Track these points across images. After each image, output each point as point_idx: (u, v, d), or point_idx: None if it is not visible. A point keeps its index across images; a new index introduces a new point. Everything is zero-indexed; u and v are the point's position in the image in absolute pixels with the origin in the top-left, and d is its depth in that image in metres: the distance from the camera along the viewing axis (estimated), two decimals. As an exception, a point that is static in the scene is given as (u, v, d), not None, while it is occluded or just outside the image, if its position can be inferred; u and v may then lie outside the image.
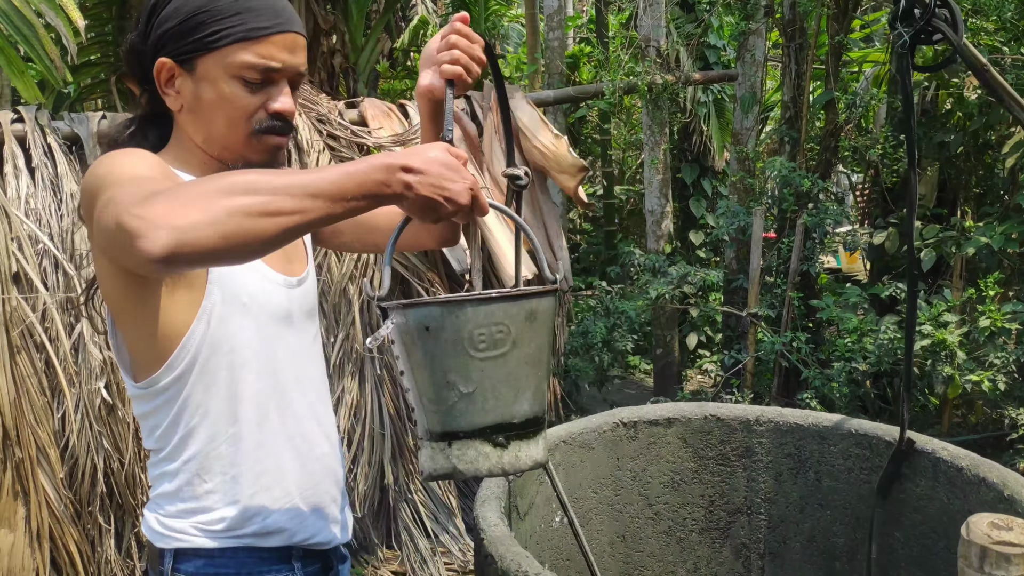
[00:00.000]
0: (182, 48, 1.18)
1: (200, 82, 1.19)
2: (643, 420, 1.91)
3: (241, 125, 1.21)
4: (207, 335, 1.18)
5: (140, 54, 1.22)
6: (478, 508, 1.43)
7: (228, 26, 1.17)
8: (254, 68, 1.18)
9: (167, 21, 1.18)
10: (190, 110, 1.21)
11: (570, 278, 3.49)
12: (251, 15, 1.17)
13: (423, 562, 3.44)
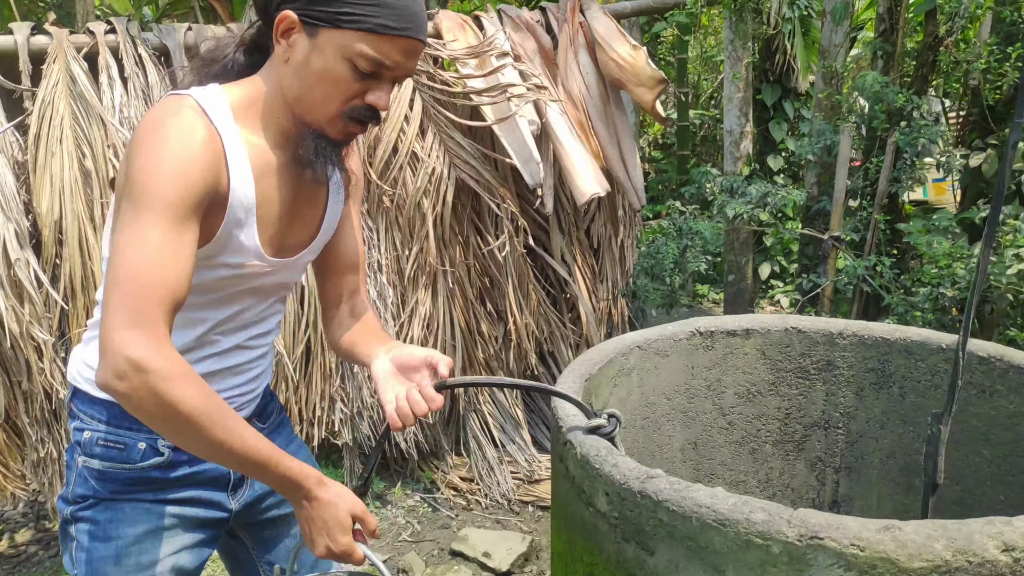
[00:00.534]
0: (313, 12, 1.20)
1: (315, 49, 1.21)
2: (721, 330, 1.88)
3: (335, 104, 1.24)
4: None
5: (268, 1, 1.24)
6: (555, 400, 1.44)
7: (364, 13, 1.19)
8: (370, 60, 1.21)
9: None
10: (295, 68, 1.24)
11: (643, 197, 3.42)
12: (387, 11, 1.19)
13: (490, 469, 3.52)
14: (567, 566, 1.37)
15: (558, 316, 3.74)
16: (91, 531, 1.35)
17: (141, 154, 1.14)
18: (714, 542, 1.07)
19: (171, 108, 1.18)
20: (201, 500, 1.42)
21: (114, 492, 1.35)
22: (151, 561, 1.37)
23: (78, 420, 1.37)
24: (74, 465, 1.37)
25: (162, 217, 1.11)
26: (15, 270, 2.49)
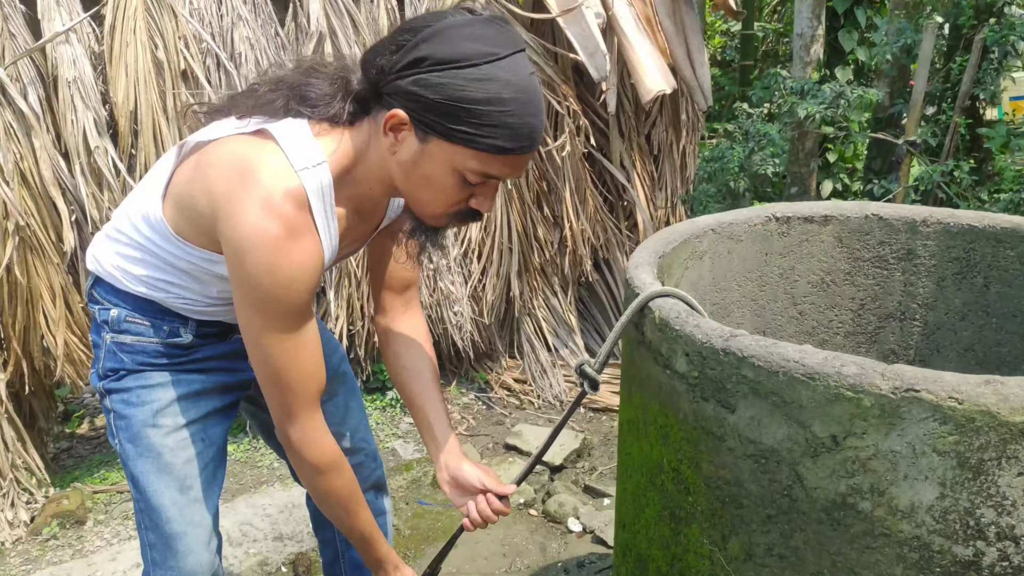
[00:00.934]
0: (429, 121, 1.15)
1: (425, 155, 1.18)
2: (797, 216, 1.82)
3: (440, 206, 1.24)
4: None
5: (381, 76, 1.18)
6: (632, 271, 1.42)
7: (483, 134, 1.14)
8: (479, 174, 1.19)
9: (430, 88, 1.12)
10: (401, 164, 1.21)
11: (709, 97, 3.31)
12: (508, 134, 1.14)
13: (543, 372, 3.55)
14: (638, 432, 1.38)
15: (615, 223, 3.69)
16: (125, 399, 1.41)
17: (260, 269, 1.17)
18: (801, 396, 1.05)
19: (282, 220, 1.15)
20: (225, 368, 1.48)
21: (142, 364, 1.40)
22: (185, 422, 1.43)
23: (101, 304, 1.42)
24: (102, 343, 1.42)
25: (293, 318, 1.23)
26: (95, 157, 2.53)
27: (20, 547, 2.58)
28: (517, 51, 1.14)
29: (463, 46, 1.11)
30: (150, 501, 1.41)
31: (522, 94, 1.13)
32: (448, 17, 1.15)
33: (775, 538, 1.14)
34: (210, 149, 1.27)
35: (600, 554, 2.46)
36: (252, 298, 1.20)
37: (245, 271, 1.18)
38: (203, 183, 1.24)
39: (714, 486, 1.19)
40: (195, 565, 1.43)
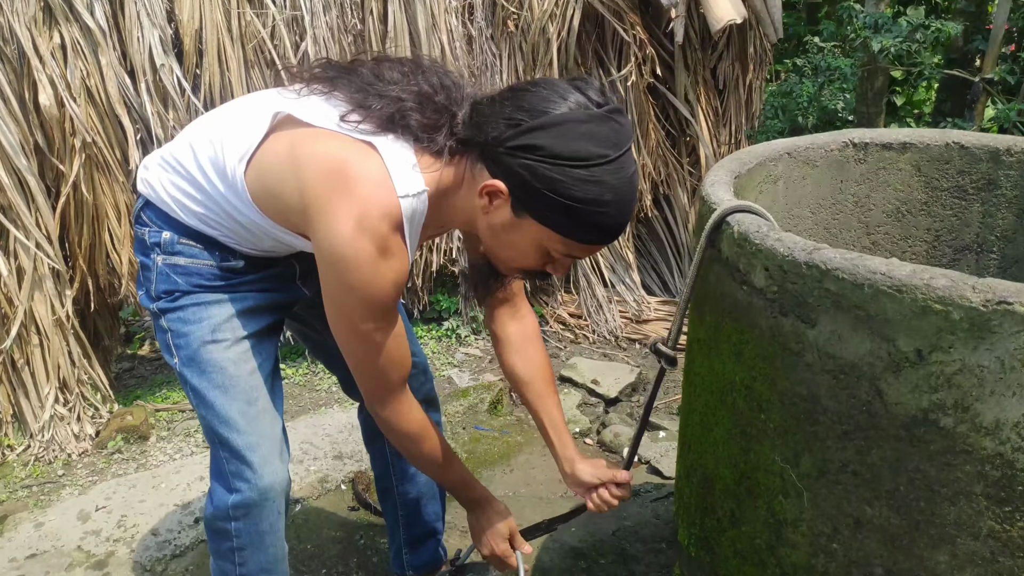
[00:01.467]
0: (528, 202, 1.20)
1: (516, 227, 1.24)
2: (875, 142, 1.77)
3: (517, 265, 1.33)
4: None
5: (490, 143, 1.21)
6: (708, 188, 1.40)
7: (577, 228, 1.20)
8: (564, 255, 1.27)
9: (538, 177, 1.16)
10: (490, 225, 1.27)
11: (780, 29, 3.20)
12: (600, 231, 1.21)
13: (599, 307, 3.56)
14: (709, 351, 1.38)
15: (676, 158, 3.63)
16: (182, 317, 1.42)
17: (355, 281, 1.22)
18: (886, 309, 1.03)
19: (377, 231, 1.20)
20: (274, 288, 1.50)
21: (197, 285, 1.42)
22: (243, 335, 1.45)
23: (151, 227, 1.43)
24: (152, 264, 1.42)
25: (381, 319, 1.29)
26: (160, 76, 2.56)
27: (86, 459, 2.70)
28: (624, 152, 1.18)
29: (578, 145, 1.14)
30: (219, 415, 1.43)
31: (621, 196, 1.18)
32: (568, 106, 1.17)
33: (850, 455, 1.14)
34: (308, 140, 1.27)
35: (655, 484, 2.49)
36: (342, 303, 1.28)
37: (337, 280, 1.24)
38: (296, 177, 1.24)
39: (788, 403, 1.19)
40: (271, 476, 1.45)
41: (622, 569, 2.09)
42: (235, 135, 1.34)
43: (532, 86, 1.22)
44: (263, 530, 1.48)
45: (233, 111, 1.42)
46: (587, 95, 1.19)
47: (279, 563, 1.54)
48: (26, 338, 2.65)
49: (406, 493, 1.88)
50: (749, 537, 1.34)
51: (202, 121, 1.44)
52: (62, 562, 2.12)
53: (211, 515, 1.49)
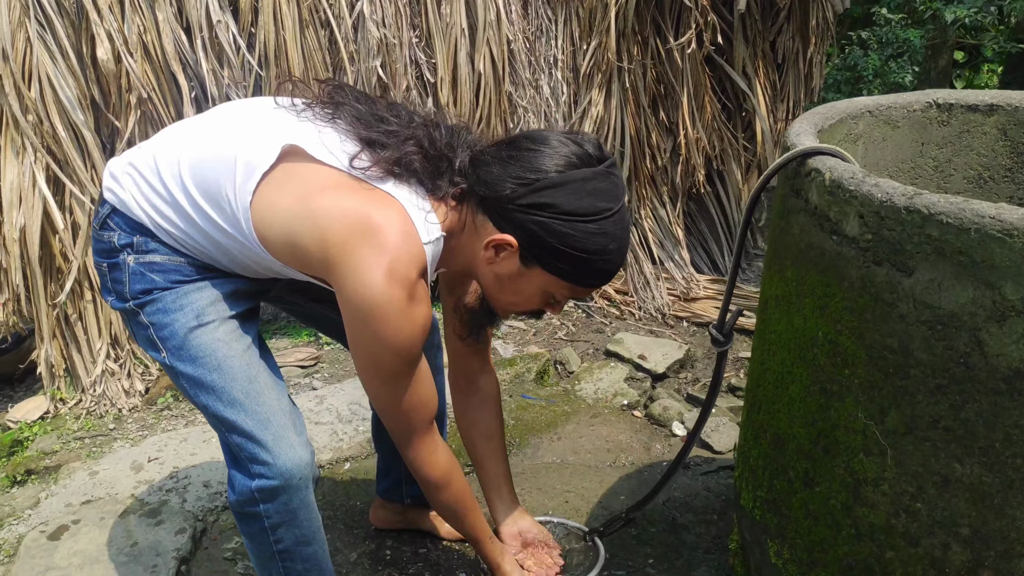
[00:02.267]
0: (538, 254, 1.29)
1: (523, 276, 1.33)
2: (960, 103, 1.71)
3: (518, 309, 1.43)
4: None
5: (501, 201, 1.27)
6: (792, 138, 1.35)
7: (583, 275, 1.31)
8: (567, 298, 1.39)
9: (550, 232, 1.25)
10: (495, 274, 1.35)
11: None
12: (603, 275, 1.33)
13: (646, 284, 3.51)
14: (789, 306, 1.33)
15: (732, 132, 3.56)
16: (162, 308, 1.35)
17: (387, 331, 1.23)
18: (994, 255, 0.99)
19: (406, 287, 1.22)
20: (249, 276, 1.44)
21: (175, 281, 1.36)
22: (229, 316, 1.38)
23: (119, 232, 1.35)
24: (123, 265, 1.35)
25: (410, 365, 1.32)
26: (216, 32, 2.56)
27: (136, 415, 2.73)
28: (622, 204, 1.30)
29: (586, 201, 1.25)
30: (223, 398, 1.35)
31: (621, 243, 1.31)
32: (569, 162, 1.26)
33: (943, 410, 1.09)
34: (325, 190, 1.24)
35: (706, 457, 2.45)
36: (374, 354, 1.29)
37: (369, 332, 1.25)
38: (315, 227, 1.22)
39: (877, 356, 1.15)
40: (289, 453, 1.36)
41: (672, 538, 2.06)
42: (234, 163, 1.28)
43: (532, 143, 1.29)
44: (294, 507, 1.41)
45: (222, 127, 1.35)
46: (586, 150, 1.28)
47: (316, 533, 1.47)
48: (79, 293, 2.68)
49: None
50: (823, 498, 1.30)
51: (183, 135, 1.37)
52: (116, 509, 2.15)
53: (236, 502, 1.41)
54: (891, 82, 3.26)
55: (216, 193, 1.28)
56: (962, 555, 1.13)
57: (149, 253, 1.34)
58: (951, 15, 2.96)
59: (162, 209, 1.33)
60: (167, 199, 1.32)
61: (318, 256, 1.23)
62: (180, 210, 1.31)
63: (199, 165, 1.30)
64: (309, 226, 1.23)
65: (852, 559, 1.26)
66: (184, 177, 1.30)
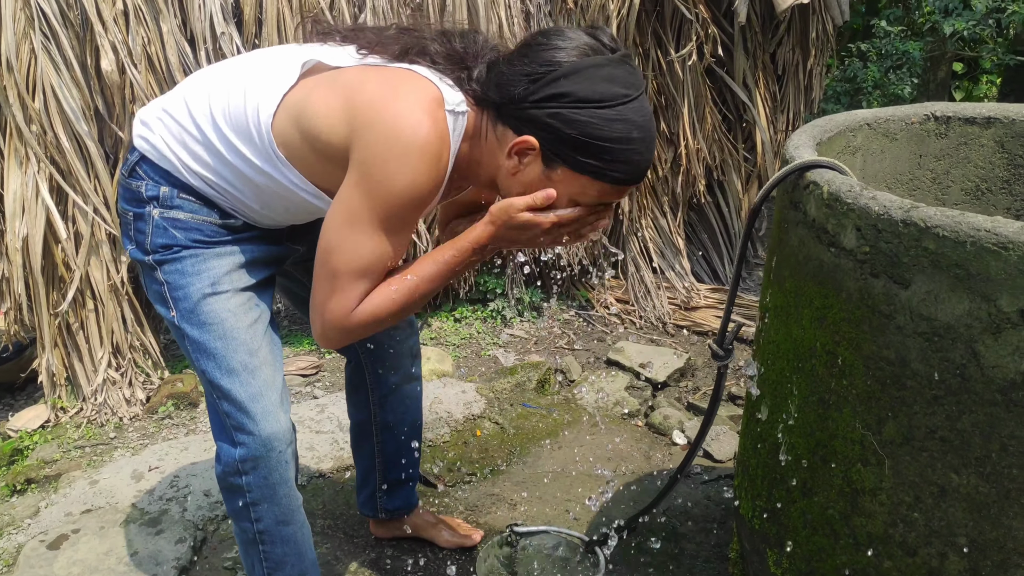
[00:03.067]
0: (561, 152, 1.21)
1: (549, 180, 1.24)
2: (958, 116, 1.72)
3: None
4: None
5: (515, 101, 1.22)
6: (792, 151, 1.37)
7: (610, 168, 1.21)
8: (595, 200, 1.26)
9: (568, 123, 1.19)
10: (520, 182, 1.26)
11: (847, 11, 3.14)
12: (630, 169, 1.23)
13: (647, 293, 3.53)
14: (787, 317, 1.35)
15: (732, 143, 3.58)
16: (180, 269, 1.39)
17: (403, 166, 1.18)
18: (989, 268, 1.00)
19: (438, 131, 1.20)
20: (269, 242, 1.48)
21: (195, 241, 1.39)
22: (242, 287, 1.42)
23: (147, 180, 1.38)
24: (148, 217, 1.38)
25: (399, 229, 1.24)
26: (220, 43, 2.58)
27: (137, 423, 2.74)
28: (642, 92, 1.23)
29: (602, 87, 1.18)
30: (222, 365, 1.40)
31: (646, 133, 1.22)
32: (583, 51, 1.20)
33: (939, 420, 1.11)
34: (346, 74, 1.27)
35: (706, 467, 2.46)
36: (374, 194, 1.20)
37: (386, 167, 1.18)
38: (342, 107, 1.23)
39: (874, 367, 1.16)
40: (273, 425, 1.42)
41: (672, 547, 2.07)
42: (258, 87, 1.32)
43: (545, 37, 1.23)
44: (274, 482, 1.46)
45: (248, 65, 1.38)
46: (600, 40, 1.23)
47: (295, 513, 1.52)
48: (81, 302, 2.69)
49: (385, 442, 1.88)
50: (821, 507, 1.31)
51: (211, 77, 1.40)
52: (116, 518, 2.16)
53: (221, 473, 1.47)
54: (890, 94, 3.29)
55: (245, 125, 1.31)
56: (959, 564, 1.14)
57: (174, 209, 1.38)
58: (950, 27, 2.99)
59: (194, 149, 1.35)
60: (199, 139, 1.35)
61: (342, 134, 1.22)
62: (211, 148, 1.34)
63: (228, 101, 1.33)
64: (336, 107, 1.23)
65: (850, 568, 1.27)
66: (215, 115, 1.33)
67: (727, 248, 3.79)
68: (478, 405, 2.76)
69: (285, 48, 1.40)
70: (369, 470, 1.92)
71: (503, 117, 1.25)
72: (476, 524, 2.11)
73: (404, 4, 2.80)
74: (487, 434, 2.60)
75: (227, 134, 1.32)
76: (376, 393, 1.82)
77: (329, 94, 1.25)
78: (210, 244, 1.40)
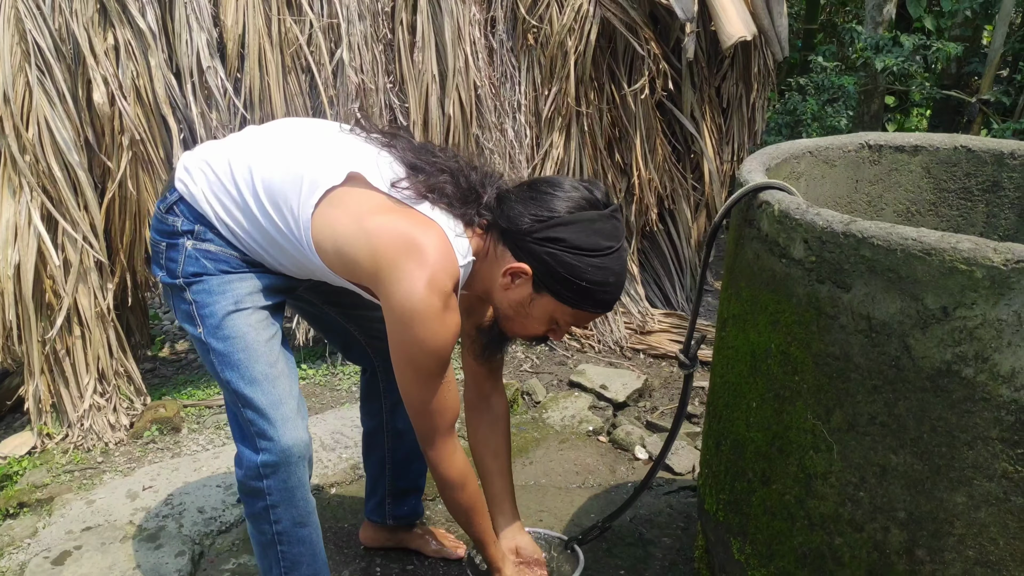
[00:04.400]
0: (548, 282, 1.47)
1: (533, 302, 1.51)
2: (889, 145, 1.92)
3: (526, 333, 1.59)
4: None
5: (519, 234, 1.46)
6: (745, 175, 1.54)
7: (587, 303, 1.49)
8: (569, 324, 1.56)
9: (560, 263, 1.44)
10: (510, 300, 1.53)
11: (786, 48, 3.38)
12: (603, 304, 1.51)
13: (604, 318, 3.68)
14: (745, 323, 1.50)
15: (682, 173, 3.79)
16: (207, 289, 1.54)
17: (426, 334, 1.41)
18: (916, 271, 1.17)
19: (445, 289, 1.41)
20: (283, 274, 1.63)
21: (222, 271, 1.55)
22: (261, 306, 1.58)
23: (183, 218, 1.54)
24: (182, 248, 1.54)
25: (442, 369, 1.49)
26: (206, 77, 2.68)
27: (123, 448, 2.77)
28: (622, 244, 1.50)
29: (593, 239, 1.44)
30: (245, 375, 1.54)
31: (619, 279, 1.50)
32: (580, 204, 1.46)
33: (879, 407, 1.26)
34: (377, 210, 1.44)
35: (667, 479, 2.61)
36: (412, 356, 1.45)
37: (411, 335, 1.42)
38: (368, 243, 1.42)
39: (822, 363, 1.32)
40: (292, 433, 1.56)
41: (640, 551, 2.20)
42: (302, 179, 1.47)
43: (549, 187, 1.49)
44: (292, 486, 1.58)
45: (294, 144, 1.55)
46: (595, 195, 1.49)
47: (310, 516, 1.65)
48: (67, 329, 2.73)
49: (395, 450, 2.03)
50: (779, 494, 1.45)
51: (256, 144, 1.56)
52: (116, 534, 2.21)
53: (243, 477, 1.59)
54: (828, 125, 3.53)
55: (282, 202, 1.48)
56: (900, 536, 1.29)
57: (206, 242, 1.54)
58: (881, 63, 3.24)
59: (229, 207, 1.52)
60: (237, 200, 1.52)
61: (369, 269, 1.43)
62: (247, 211, 1.51)
63: (270, 176, 1.49)
64: (363, 242, 1.42)
65: (807, 547, 1.42)
66: (256, 184, 1.50)
67: (678, 274, 3.97)
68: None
69: (331, 135, 1.56)
70: (379, 477, 2.04)
71: (505, 241, 1.49)
72: (457, 535, 2.21)
73: (377, 41, 2.94)
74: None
75: (264, 203, 1.48)
76: (388, 400, 1.97)
77: (361, 233, 1.43)
78: (233, 272, 1.55)
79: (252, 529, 1.66)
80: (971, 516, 1.21)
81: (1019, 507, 1.17)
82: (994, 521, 1.19)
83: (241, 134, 1.62)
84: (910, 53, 3.23)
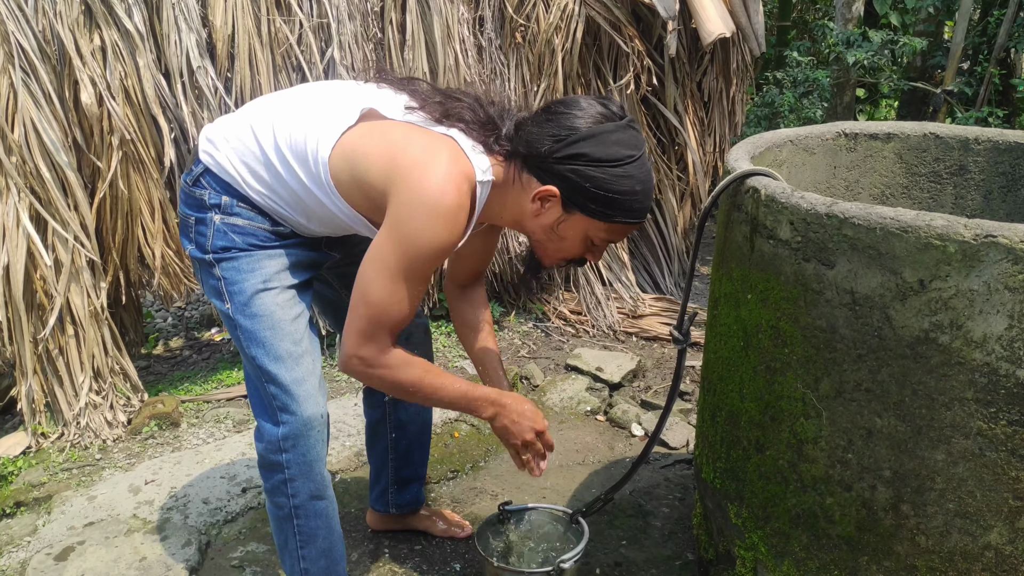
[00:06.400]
0: (577, 200, 1.48)
1: (565, 223, 1.51)
2: (863, 133, 2.04)
3: (563, 256, 1.60)
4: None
5: (541, 156, 1.46)
6: (732, 163, 1.64)
7: (617, 215, 1.49)
8: (605, 240, 1.55)
9: (584, 178, 1.45)
10: (540, 224, 1.53)
11: (763, 43, 3.50)
12: (634, 215, 1.51)
13: (598, 304, 3.79)
14: (736, 301, 1.61)
15: (667, 164, 3.90)
16: (237, 267, 1.58)
17: (427, 227, 1.40)
18: (895, 248, 1.28)
19: (460, 200, 1.42)
20: (313, 249, 1.70)
21: (251, 245, 1.59)
22: (289, 285, 1.64)
23: (210, 190, 1.58)
24: (209, 222, 1.58)
25: (418, 277, 1.46)
26: (196, 77, 2.74)
27: (120, 444, 2.82)
28: (643, 152, 1.50)
29: (613, 149, 1.45)
30: (271, 352, 1.58)
31: (646, 185, 1.50)
32: (597, 119, 1.46)
33: (863, 375, 1.37)
34: (396, 130, 1.49)
35: (663, 453, 2.72)
36: (401, 245, 1.42)
37: (410, 228, 1.41)
38: (381, 156, 1.45)
39: (810, 335, 1.43)
40: (313, 407, 1.61)
41: (640, 521, 2.31)
42: (321, 124, 1.53)
43: (565, 106, 1.50)
44: (311, 459, 1.63)
45: (312, 100, 1.60)
46: (610, 109, 1.50)
47: (327, 489, 1.70)
48: (60, 328, 2.77)
49: (398, 440, 2.09)
50: (773, 459, 1.56)
51: (276, 107, 1.61)
52: (120, 528, 2.27)
53: (263, 449, 1.64)
54: (804, 117, 3.66)
55: (304, 155, 1.52)
56: (886, 494, 1.40)
57: (234, 216, 1.58)
58: (852, 57, 3.38)
59: (256, 169, 1.56)
60: (261, 159, 1.56)
61: (382, 181, 1.44)
62: (272, 169, 1.55)
63: (291, 131, 1.53)
64: (377, 155, 1.45)
65: (800, 508, 1.53)
66: (280, 142, 1.54)
67: (666, 261, 4.09)
68: (452, 410, 2.96)
69: (346, 87, 1.61)
70: (382, 467, 2.11)
71: (529, 167, 1.50)
72: (462, 515, 2.30)
73: (367, 40, 3.02)
74: (464, 435, 2.80)
75: (288, 159, 1.53)
76: None
77: (378, 146, 1.47)
78: (262, 247, 1.60)
79: (269, 504, 1.71)
80: (950, 472, 1.32)
81: (993, 461, 1.29)
82: (971, 475, 1.31)
83: (258, 101, 1.66)
84: (878, 48, 3.36)
